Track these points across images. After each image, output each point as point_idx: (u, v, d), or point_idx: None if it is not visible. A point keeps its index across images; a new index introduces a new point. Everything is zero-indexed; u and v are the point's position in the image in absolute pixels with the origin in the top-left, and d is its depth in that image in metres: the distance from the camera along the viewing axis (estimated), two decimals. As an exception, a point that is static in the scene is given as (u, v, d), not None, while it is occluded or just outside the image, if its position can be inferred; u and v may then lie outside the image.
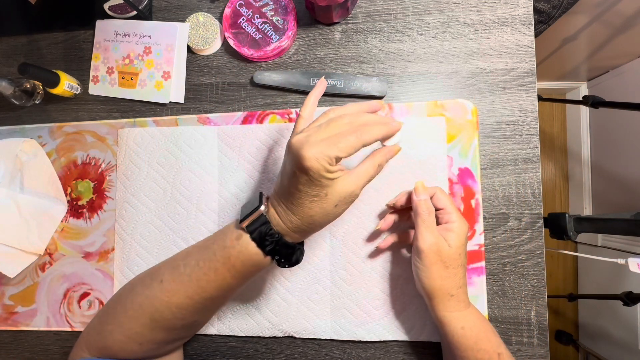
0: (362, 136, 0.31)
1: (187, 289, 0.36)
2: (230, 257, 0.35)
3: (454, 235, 0.39)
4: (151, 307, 0.37)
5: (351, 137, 0.31)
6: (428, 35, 0.50)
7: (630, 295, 0.98)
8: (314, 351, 0.48)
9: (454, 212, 0.40)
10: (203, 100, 0.54)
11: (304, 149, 0.31)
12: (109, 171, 0.54)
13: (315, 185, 0.32)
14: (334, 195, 0.32)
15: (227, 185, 0.51)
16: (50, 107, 0.57)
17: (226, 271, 0.36)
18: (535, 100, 0.48)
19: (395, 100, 0.50)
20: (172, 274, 0.38)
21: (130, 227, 0.52)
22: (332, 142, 0.31)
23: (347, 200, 0.34)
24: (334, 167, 0.31)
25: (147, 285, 0.39)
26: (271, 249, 0.35)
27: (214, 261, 0.36)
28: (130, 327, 0.38)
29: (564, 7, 0.87)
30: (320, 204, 0.33)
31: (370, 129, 0.32)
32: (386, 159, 0.35)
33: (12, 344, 0.54)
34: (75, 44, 0.57)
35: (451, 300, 0.39)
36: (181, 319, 0.38)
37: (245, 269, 0.36)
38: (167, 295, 0.37)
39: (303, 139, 0.32)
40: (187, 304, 0.37)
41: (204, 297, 0.37)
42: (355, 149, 0.31)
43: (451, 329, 0.39)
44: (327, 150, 0.30)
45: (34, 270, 0.54)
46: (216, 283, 0.36)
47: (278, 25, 0.50)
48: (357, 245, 0.48)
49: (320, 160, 0.30)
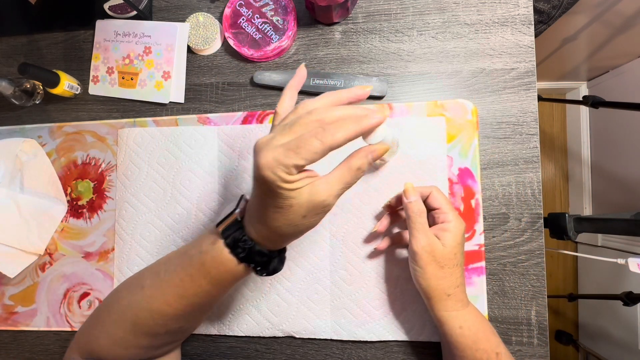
0: (326, 139, 0.26)
1: (166, 295, 0.35)
2: (205, 263, 0.33)
3: (450, 235, 0.38)
4: (132, 313, 0.36)
5: (314, 142, 0.26)
6: (428, 35, 0.50)
7: (630, 295, 0.98)
8: (314, 351, 0.48)
9: (450, 212, 0.39)
10: (203, 100, 0.54)
11: (259, 156, 0.27)
12: (109, 171, 0.54)
13: (276, 197, 0.28)
14: (301, 207, 0.28)
15: (227, 185, 0.51)
16: (50, 107, 0.57)
17: (202, 278, 0.34)
18: (535, 100, 0.48)
19: (395, 100, 0.50)
20: (153, 279, 0.37)
21: (130, 227, 0.52)
22: (291, 148, 0.27)
23: (318, 211, 0.29)
24: (293, 176, 0.27)
25: (131, 290, 0.38)
26: (244, 256, 0.32)
27: (190, 267, 0.34)
28: (114, 332, 0.37)
29: (564, 7, 0.87)
30: (284, 215, 0.29)
31: (336, 128, 0.27)
32: (367, 160, 0.30)
33: (12, 344, 0.54)
34: (75, 44, 0.57)
35: (448, 300, 0.39)
36: (163, 325, 0.36)
37: (221, 276, 0.34)
38: (148, 301, 0.36)
39: (264, 143, 0.28)
40: (166, 311, 0.35)
41: (183, 304, 0.35)
42: (320, 155, 0.27)
43: (449, 328, 0.39)
44: (284, 159, 0.26)
45: (34, 270, 0.54)
46: (193, 290, 0.34)
47: (278, 25, 0.50)
48: (357, 245, 0.48)
49: (275, 170, 0.27)
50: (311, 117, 0.28)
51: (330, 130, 0.27)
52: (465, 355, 0.39)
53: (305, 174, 0.29)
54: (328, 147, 0.27)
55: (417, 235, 0.38)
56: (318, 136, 0.27)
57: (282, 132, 0.28)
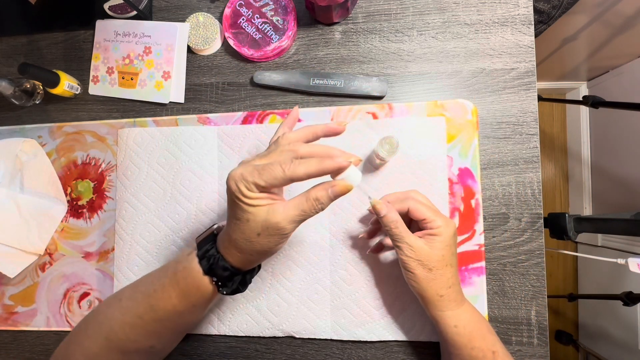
0: (288, 170, 0.30)
1: (139, 307, 0.36)
2: (176, 272, 0.35)
3: (439, 239, 0.38)
4: (107, 327, 0.37)
5: (277, 169, 0.30)
6: (428, 35, 0.50)
7: (630, 295, 0.98)
8: (314, 351, 0.48)
9: (436, 218, 0.39)
10: (203, 100, 0.54)
11: (234, 169, 0.32)
12: (109, 171, 0.54)
13: (235, 207, 0.32)
14: (256, 223, 0.31)
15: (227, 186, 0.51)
16: (50, 107, 0.57)
17: (171, 288, 0.35)
18: (535, 100, 0.48)
19: (395, 100, 0.50)
20: (131, 291, 0.38)
21: (130, 227, 0.52)
22: (257, 168, 0.31)
23: (272, 232, 0.31)
24: (252, 193, 0.31)
25: (109, 304, 0.38)
26: (208, 267, 0.34)
27: (164, 277, 0.36)
28: (88, 346, 0.37)
29: (564, 7, 0.87)
30: (241, 228, 0.32)
31: (301, 163, 0.30)
32: (326, 194, 0.31)
33: (12, 344, 0.54)
34: (75, 44, 0.57)
35: (441, 301, 0.39)
36: (134, 340, 0.36)
37: (188, 289, 0.35)
38: (123, 313, 0.36)
39: (245, 161, 0.33)
40: (137, 324, 0.36)
41: (153, 318, 0.36)
42: (280, 181, 0.30)
43: (444, 327, 0.39)
44: (247, 175, 0.30)
45: (34, 270, 0.54)
46: (162, 302, 0.35)
47: (278, 25, 0.50)
48: (357, 245, 0.48)
49: (237, 182, 0.31)
50: (287, 147, 0.32)
51: (295, 163, 0.30)
52: (461, 354, 0.39)
53: (268, 195, 0.32)
54: (288, 178, 0.30)
55: (400, 245, 0.39)
56: (283, 166, 0.30)
57: (262, 156, 0.33)
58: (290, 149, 0.32)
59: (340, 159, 0.31)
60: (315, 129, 0.35)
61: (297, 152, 0.32)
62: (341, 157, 0.31)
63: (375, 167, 0.48)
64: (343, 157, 0.31)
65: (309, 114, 0.50)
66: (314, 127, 0.35)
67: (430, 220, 0.39)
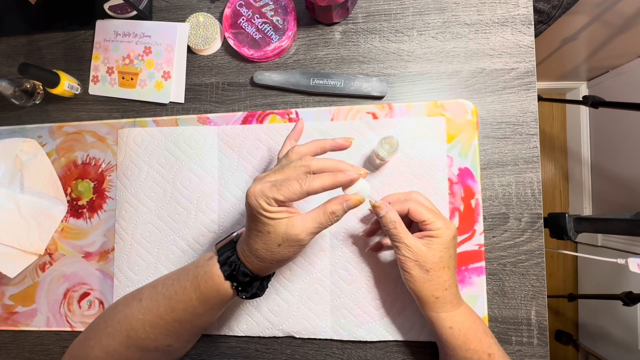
0: (305, 184, 0.32)
1: (160, 307, 0.38)
2: (197, 276, 0.37)
3: (438, 241, 0.38)
4: (127, 325, 0.38)
5: (294, 185, 0.32)
6: (428, 35, 0.50)
7: (630, 295, 0.98)
8: (314, 351, 0.48)
9: (436, 220, 0.39)
10: (203, 100, 0.54)
11: (251, 186, 0.34)
12: (109, 171, 0.54)
13: (257, 222, 0.34)
14: (277, 235, 0.33)
15: (227, 185, 0.51)
16: (50, 107, 0.57)
17: (192, 291, 0.37)
18: (535, 100, 0.48)
19: (395, 100, 0.50)
20: (151, 292, 0.39)
21: (130, 227, 0.52)
22: (275, 184, 0.33)
23: (292, 243, 0.34)
24: (273, 207, 0.33)
25: (128, 303, 0.40)
26: (229, 273, 0.36)
27: (185, 280, 0.37)
28: (108, 343, 0.38)
29: (564, 7, 0.87)
30: (262, 239, 0.34)
31: (316, 178, 0.33)
32: (341, 207, 0.34)
33: (12, 344, 0.54)
34: (75, 44, 0.57)
35: (436, 302, 0.39)
36: (154, 339, 0.38)
37: (208, 292, 0.37)
38: (143, 313, 0.38)
39: (260, 177, 0.35)
40: (158, 324, 0.38)
41: (173, 318, 0.38)
42: (298, 196, 0.32)
43: (439, 328, 0.40)
44: (267, 191, 0.32)
45: (34, 270, 0.54)
46: (183, 304, 0.37)
47: (278, 25, 0.50)
48: (357, 245, 0.48)
49: (257, 198, 0.33)
50: (300, 162, 0.34)
51: (310, 178, 0.33)
52: (456, 355, 0.39)
53: (286, 209, 0.34)
54: (305, 192, 0.32)
55: (398, 245, 0.39)
56: (300, 181, 0.33)
57: (275, 171, 0.35)
58: (303, 164, 0.34)
59: (351, 172, 0.34)
60: (324, 144, 0.37)
61: (310, 167, 0.34)
62: (351, 171, 0.34)
63: (375, 167, 0.48)
64: (353, 171, 0.34)
65: (309, 113, 0.50)
66: (322, 142, 0.37)
67: (430, 222, 0.39)
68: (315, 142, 0.37)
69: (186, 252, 0.51)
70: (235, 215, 0.50)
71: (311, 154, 0.37)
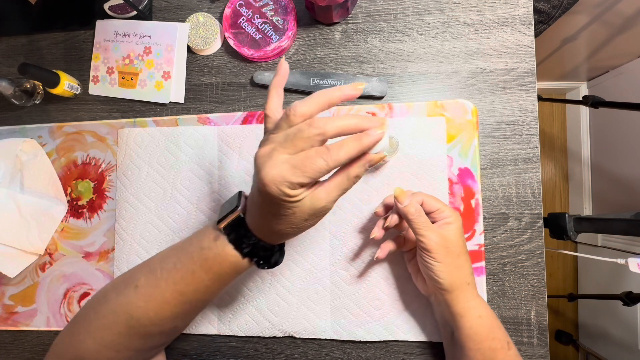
0: (330, 159, 0.28)
1: (164, 293, 0.35)
2: (207, 259, 0.34)
3: (453, 227, 0.39)
4: (126, 314, 0.36)
5: (319, 161, 0.28)
6: (428, 35, 0.50)
7: (630, 295, 0.98)
8: (314, 351, 0.48)
9: (446, 209, 0.40)
10: (203, 100, 0.54)
11: (264, 170, 0.28)
12: (109, 171, 0.54)
13: (279, 207, 0.30)
14: (303, 213, 0.30)
15: (227, 185, 0.51)
16: (50, 107, 0.57)
17: (204, 274, 0.35)
18: (535, 100, 0.48)
19: (395, 100, 0.50)
20: (149, 278, 0.36)
21: (130, 227, 0.52)
22: (296, 165, 0.28)
23: (319, 214, 0.31)
24: (297, 190, 0.29)
25: (121, 291, 0.37)
26: (248, 251, 0.34)
27: (191, 264, 0.35)
28: (102, 335, 0.36)
29: (564, 7, 0.87)
30: (287, 220, 0.31)
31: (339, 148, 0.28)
32: (364, 169, 0.30)
33: (12, 344, 0.54)
34: (75, 44, 0.57)
35: (468, 289, 0.39)
36: (159, 325, 0.36)
37: (223, 271, 0.35)
38: (144, 300, 0.35)
39: (266, 156, 0.29)
40: (164, 309, 0.35)
41: (182, 301, 0.36)
42: (324, 173, 0.28)
43: (469, 319, 0.38)
44: (289, 176, 0.28)
45: (34, 270, 0.54)
46: (194, 286, 0.35)
47: (278, 25, 0.50)
48: (357, 245, 0.48)
49: (280, 186, 0.28)
50: (312, 131, 0.28)
51: (334, 150, 0.28)
52: (481, 347, 0.38)
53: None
54: (332, 167, 0.28)
55: (425, 234, 0.38)
56: (323, 156, 0.28)
57: (283, 144, 0.29)
58: (317, 132, 0.28)
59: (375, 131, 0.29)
60: (331, 98, 0.30)
61: (326, 134, 0.28)
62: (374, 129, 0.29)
63: (376, 167, 0.48)
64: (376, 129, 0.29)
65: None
66: (328, 96, 0.30)
67: (443, 210, 0.39)
68: (318, 96, 0.30)
69: (186, 252, 0.51)
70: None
71: (317, 113, 0.30)
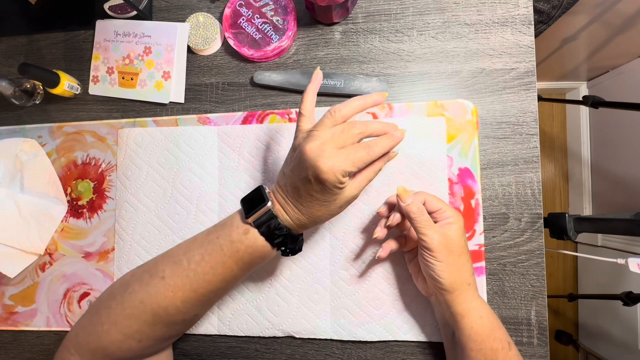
0: (372, 152, 0.35)
1: (193, 282, 0.38)
2: (238, 250, 0.37)
3: (456, 227, 0.39)
4: (154, 304, 0.37)
5: (363, 153, 0.34)
6: (428, 35, 0.50)
7: (630, 295, 0.98)
8: (314, 351, 0.48)
9: (448, 209, 0.40)
10: (203, 100, 0.54)
11: (321, 161, 0.33)
12: (109, 171, 0.54)
13: (327, 194, 0.35)
14: (341, 200, 0.36)
15: (227, 185, 0.51)
16: (50, 107, 0.57)
17: (234, 264, 0.38)
18: (535, 100, 0.48)
19: (395, 100, 0.50)
20: (174, 269, 0.38)
21: (130, 227, 0.52)
22: (346, 156, 0.34)
23: (350, 202, 0.37)
24: (346, 178, 0.34)
25: (146, 282, 0.38)
26: (280, 241, 0.37)
27: (221, 255, 0.38)
28: (129, 324, 0.37)
29: (564, 7, 0.87)
30: (328, 207, 0.36)
31: (377, 144, 0.36)
32: (384, 164, 0.39)
33: (12, 344, 0.54)
34: (75, 44, 0.57)
35: (469, 289, 0.39)
36: (184, 312, 0.39)
37: (253, 260, 0.38)
38: (172, 290, 0.37)
39: (318, 149, 0.34)
40: (191, 298, 0.38)
41: (209, 290, 0.38)
42: (366, 164, 0.35)
43: (470, 320, 0.38)
44: (342, 165, 0.33)
45: (34, 270, 0.54)
46: (222, 276, 0.38)
47: (278, 25, 0.50)
48: (357, 245, 0.48)
49: (336, 174, 0.33)
50: (355, 130, 0.35)
51: (373, 145, 0.35)
52: (482, 348, 0.38)
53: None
54: (372, 159, 0.35)
55: (427, 233, 0.38)
56: (367, 150, 0.35)
57: (331, 140, 0.34)
58: (359, 131, 0.35)
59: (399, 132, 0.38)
60: (364, 104, 0.37)
61: (365, 134, 0.36)
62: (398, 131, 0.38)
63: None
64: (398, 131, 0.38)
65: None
66: (363, 103, 0.37)
67: (445, 210, 0.40)
68: (356, 102, 0.37)
69: (186, 252, 0.51)
70: (235, 215, 0.50)
71: (354, 114, 0.37)
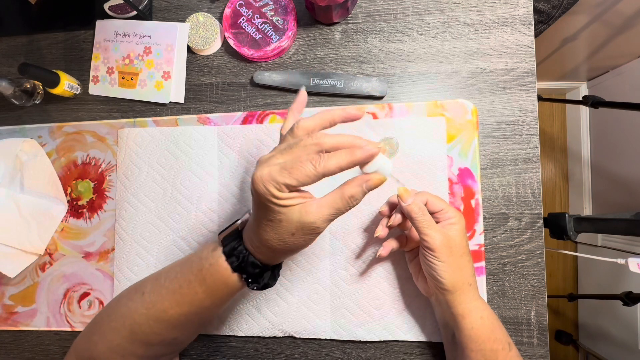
0: (320, 165, 0.29)
1: (164, 301, 0.36)
2: (202, 269, 0.35)
3: (457, 227, 0.39)
4: (131, 320, 0.36)
5: (308, 166, 0.29)
6: (428, 35, 0.50)
7: (630, 295, 0.98)
8: (314, 351, 0.48)
9: (450, 210, 0.40)
10: (203, 100, 0.54)
11: (256, 170, 0.30)
12: (109, 171, 0.54)
13: (266, 209, 0.30)
14: (290, 223, 0.30)
15: (227, 185, 0.51)
16: (50, 107, 0.57)
17: (198, 285, 0.35)
18: (535, 100, 0.48)
19: (395, 100, 0.50)
20: (154, 285, 0.37)
21: (130, 227, 0.52)
22: (286, 167, 0.29)
23: (306, 232, 0.31)
24: (284, 193, 0.29)
25: (131, 297, 0.38)
26: (237, 265, 0.33)
27: (189, 273, 0.35)
28: (111, 338, 0.37)
29: (564, 7, 0.87)
30: (274, 229, 0.31)
31: (331, 157, 0.29)
32: (360, 190, 0.30)
33: (12, 344, 0.54)
34: (75, 44, 0.57)
35: (470, 290, 0.39)
36: (158, 334, 0.37)
37: (215, 285, 0.35)
38: (147, 307, 0.36)
39: (264, 159, 0.30)
40: (162, 318, 0.36)
41: (178, 313, 0.36)
42: (312, 179, 0.29)
43: (471, 320, 0.38)
44: (277, 176, 0.29)
45: (34, 270, 0.54)
46: (188, 297, 0.35)
47: (278, 25, 0.50)
48: (357, 245, 0.48)
49: (266, 184, 0.29)
50: (310, 141, 0.30)
51: (325, 158, 0.29)
52: (483, 348, 0.38)
53: (298, 194, 0.31)
54: (321, 174, 0.29)
55: (429, 233, 0.38)
56: (313, 162, 0.29)
57: (282, 151, 0.30)
58: (314, 142, 0.30)
59: (370, 147, 0.30)
60: (333, 116, 0.33)
61: (322, 145, 0.29)
62: (370, 145, 0.30)
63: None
64: (372, 145, 0.30)
65: (309, 114, 0.50)
66: (330, 114, 0.33)
67: (447, 210, 0.39)
68: (323, 114, 0.32)
69: (186, 252, 0.51)
70: (235, 215, 0.50)
71: (319, 128, 0.32)
